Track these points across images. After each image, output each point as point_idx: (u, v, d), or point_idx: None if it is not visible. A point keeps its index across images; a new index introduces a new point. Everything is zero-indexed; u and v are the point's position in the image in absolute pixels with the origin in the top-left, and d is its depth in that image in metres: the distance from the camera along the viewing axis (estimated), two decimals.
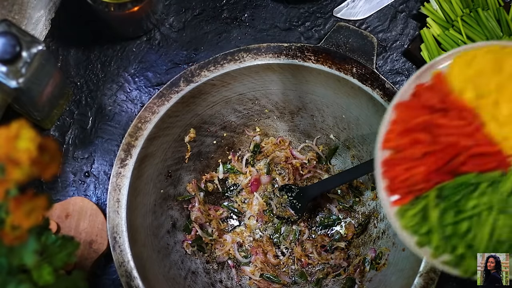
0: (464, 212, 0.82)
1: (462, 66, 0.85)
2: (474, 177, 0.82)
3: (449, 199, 0.83)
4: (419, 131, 0.84)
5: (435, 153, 0.83)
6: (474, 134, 0.83)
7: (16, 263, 0.72)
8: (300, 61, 1.04)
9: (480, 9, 1.10)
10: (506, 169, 0.83)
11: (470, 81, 0.84)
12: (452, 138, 0.83)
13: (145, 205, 1.06)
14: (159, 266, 1.06)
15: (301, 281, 1.13)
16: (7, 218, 0.69)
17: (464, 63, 0.85)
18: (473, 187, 0.83)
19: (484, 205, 0.82)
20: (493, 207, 0.82)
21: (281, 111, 1.14)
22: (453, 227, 0.83)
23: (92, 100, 1.14)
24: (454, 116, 0.83)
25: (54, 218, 1.06)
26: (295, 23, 1.17)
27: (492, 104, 0.83)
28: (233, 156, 1.17)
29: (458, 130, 0.83)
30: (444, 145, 0.83)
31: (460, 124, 0.83)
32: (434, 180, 0.83)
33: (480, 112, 0.83)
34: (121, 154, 1.02)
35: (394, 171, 0.84)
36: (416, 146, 0.84)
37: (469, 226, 0.82)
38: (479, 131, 0.83)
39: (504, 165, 0.83)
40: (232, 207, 1.16)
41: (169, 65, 1.15)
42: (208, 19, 1.16)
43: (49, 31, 1.14)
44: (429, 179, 0.84)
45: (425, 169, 0.83)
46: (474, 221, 0.82)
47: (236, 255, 1.13)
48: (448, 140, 0.83)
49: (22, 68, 0.91)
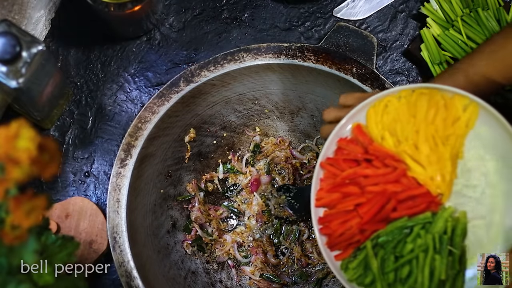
0: (403, 257, 0.84)
1: (379, 115, 0.87)
2: (406, 221, 0.84)
3: (386, 246, 0.85)
4: (347, 185, 0.87)
5: (366, 204, 0.85)
6: (400, 179, 0.85)
7: (16, 263, 0.72)
8: (300, 61, 1.04)
9: (480, 9, 1.10)
10: (437, 209, 0.85)
11: (388, 128, 0.86)
12: (379, 187, 0.85)
13: (145, 205, 1.06)
14: (159, 266, 1.06)
15: (301, 281, 1.13)
16: (7, 218, 0.69)
17: (380, 111, 0.87)
18: (408, 231, 0.85)
19: (420, 247, 0.84)
20: (428, 248, 0.83)
21: (281, 111, 1.14)
22: (395, 273, 0.85)
23: (92, 100, 1.14)
24: (378, 164, 0.86)
25: (54, 218, 1.06)
26: (295, 23, 1.16)
27: (412, 148, 0.85)
28: (233, 156, 1.17)
29: (384, 178, 0.85)
30: (373, 195, 0.85)
31: (385, 172, 0.85)
32: (369, 230, 0.85)
33: (403, 157, 0.85)
34: (121, 154, 1.02)
35: (330, 227, 0.87)
36: (346, 200, 0.86)
37: (410, 270, 0.84)
38: (404, 176, 0.85)
39: (434, 205, 0.85)
40: (232, 207, 1.16)
41: (169, 65, 1.15)
42: (208, 19, 1.16)
43: (49, 31, 1.14)
44: (364, 230, 0.86)
45: (359, 220, 0.85)
46: (414, 264, 0.84)
47: (236, 255, 1.13)
48: (376, 189, 0.85)
49: (22, 68, 0.90)
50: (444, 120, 0.86)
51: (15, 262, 0.72)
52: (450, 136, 0.86)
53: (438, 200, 0.85)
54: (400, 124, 0.86)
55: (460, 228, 0.85)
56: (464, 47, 1.10)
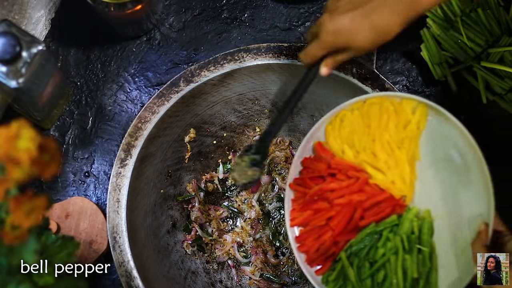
0: (377, 262, 0.87)
1: (336, 130, 0.91)
2: (374, 227, 0.88)
3: (360, 254, 0.88)
4: (316, 201, 0.90)
5: (336, 216, 0.89)
6: (363, 188, 0.89)
7: (16, 263, 0.72)
8: (300, 61, 1.04)
9: (480, 9, 1.10)
10: (402, 211, 0.88)
11: (346, 141, 0.91)
12: (345, 199, 0.89)
13: (145, 205, 1.06)
14: (159, 266, 1.06)
15: (301, 281, 1.13)
16: (7, 218, 0.69)
17: (337, 126, 0.91)
18: (378, 236, 0.88)
19: (391, 250, 0.87)
20: (398, 250, 0.87)
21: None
22: (372, 279, 0.88)
23: (92, 100, 1.14)
24: (342, 177, 0.90)
25: (54, 218, 1.06)
26: (295, 23, 1.16)
27: (370, 156, 0.89)
28: (233, 156, 1.17)
29: (348, 189, 0.89)
30: (341, 207, 0.89)
31: (348, 184, 0.89)
32: (343, 241, 0.89)
33: (363, 166, 0.89)
34: (121, 154, 1.02)
35: (306, 244, 0.90)
36: (318, 216, 0.90)
37: (385, 274, 0.87)
38: (367, 184, 0.89)
39: (398, 208, 0.89)
40: (232, 207, 1.16)
41: (169, 65, 1.15)
42: (208, 19, 1.16)
43: (49, 31, 1.14)
44: (337, 242, 0.89)
45: (331, 233, 0.89)
46: (387, 268, 0.87)
47: (236, 255, 1.13)
48: (343, 201, 0.89)
49: (22, 68, 0.90)
50: (396, 126, 0.90)
51: (15, 262, 0.72)
52: (404, 139, 0.89)
53: (402, 203, 0.89)
54: (357, 136, 0.90)
55: (426, 227, 0.88)
56: (464, 47, 1.10)
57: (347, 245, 0.89)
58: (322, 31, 0.85)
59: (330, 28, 0.84)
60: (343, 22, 0.83)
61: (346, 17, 0.83)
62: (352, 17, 0.83)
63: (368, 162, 0.89)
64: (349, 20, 0.83)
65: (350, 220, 0.89)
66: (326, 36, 0.85)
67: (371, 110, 0.90)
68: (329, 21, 0.85)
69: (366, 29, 0.83)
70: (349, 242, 0.88)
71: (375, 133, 0.90)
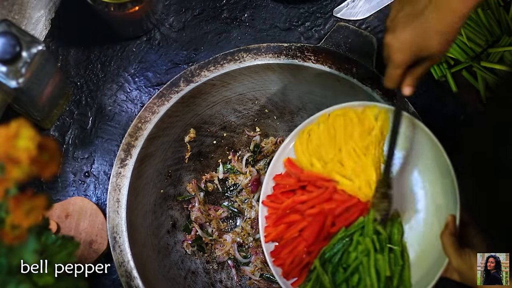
0: (350, 266, 0.90)
1: (304, 144, 0.95)
2: (344, 231, 0.92)
3: (333, 260, 0.91)
4: (289, 215, 0.94)
5: (308, 227, 0.92)
6: (333, 197, 0.93)
7: (16, 263, 0.72)
8: (300, 61, 1.04)
9: (480, 9, 1.10)
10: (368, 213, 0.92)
11: (314, 154, 0.94)
12: (316, 208, 0.92)
13: (145, 205, 1.06)
14: (159, 266, 1.06)
15: None
16: (7, 218, 0.69)
17: (304, 141, 0.95)
18: (349, 240, 0.91)
19: (362, 252, 0.90)
20: (369, 251, 0.90)
21: (281, 111, 1.14)
22: (346, 283, 0.91)
23: (92, 100, 1.14)
24: (312, 188, 0.94)
25: (54, 218, 1.06)
26: (295, 23, 1.16)
27: (338, 165, 0.94)
28: (233, 156, 1.17)
29: (318, 199, 0.93)
30: (313, 217, 0.92)
31: (318, 193, 0.93)
32: (316, 250, 0.92)
33: (332, 175, 0.93)
34: (121, 154, 1.02)
35: (281, 257, 0.93)
36: (291, 228, 0.93)
37: (359, 277, 0.90)
38: (336, 192, 0.93)
39: (366, 211, 0.93)
40: (232, 207, 1.16)
41: (169, 65, 1.15)
42: (208, 19, 1.16)
43: (49, 31, 1.14)
44: (311, 251, 0.92)
45: (304, 244, 0.92)
46: (361, 270, 0.90)
47: (236, 255, 1.13)
48: (314, 211, 0.92)
49: (22, 68, 0.90)
50: (360, 134, 0.94)
51: (15, 262, 0.72)
52: (369, 145, 0.93)
53: (369, 206, 0.92)
54: (324, 148, 0.94)
55: (396, 227, 0.92)
56: (464, 47, 1.10)
57: (320, 253, 0.91)
58: (391, 52, 0.86)
59: (396, 46, 0.85)
60: (406, 36, 0.83)
61: (407, 31, 0.83)
62: (413, 28, 0.83)
63: (336, 171, 0.93)
64: (411, 32, 0.83)
65: (322, 228, 0.92)
66: (396, 55, 0.86)
67: (336, 122, 0.94)
68: (393, 40, 0.85)
69: (433, 34, 0.82)
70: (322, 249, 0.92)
71: (341, 143, 0.94)
